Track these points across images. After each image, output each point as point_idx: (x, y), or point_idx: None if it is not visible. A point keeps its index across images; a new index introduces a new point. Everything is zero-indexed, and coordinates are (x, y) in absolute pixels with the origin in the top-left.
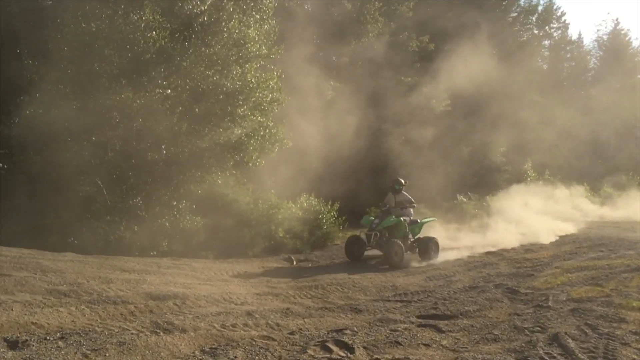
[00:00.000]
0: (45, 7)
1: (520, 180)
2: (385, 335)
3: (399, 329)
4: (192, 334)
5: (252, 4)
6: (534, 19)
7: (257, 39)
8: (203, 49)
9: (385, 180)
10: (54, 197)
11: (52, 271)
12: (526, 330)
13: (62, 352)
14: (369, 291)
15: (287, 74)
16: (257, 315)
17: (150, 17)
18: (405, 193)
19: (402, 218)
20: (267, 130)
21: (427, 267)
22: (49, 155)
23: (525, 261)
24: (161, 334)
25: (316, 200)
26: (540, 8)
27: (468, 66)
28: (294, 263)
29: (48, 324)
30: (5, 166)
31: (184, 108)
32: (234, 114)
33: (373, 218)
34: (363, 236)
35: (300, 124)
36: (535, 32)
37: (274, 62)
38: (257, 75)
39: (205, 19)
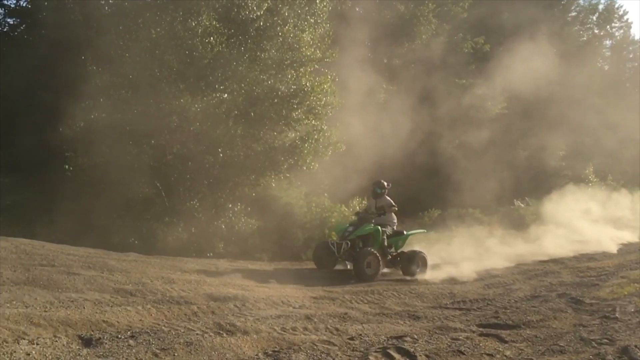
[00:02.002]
0: (108, 15)
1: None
2: (447, 344)
3: (461, 337)
4: (254, 336)
5: (307, 8)
6: (594, 18)
7: (311, 42)
8: (258, 53)
9: (438, 185)
10: (116, 198)
11: (117, 270)
12: (593, 342)
13: (134, 351)
14: (425, 298)
15: (340, 76)
16: (315, 320)
17: (207, 23)
18: (387, 197)
19: (380, 227)
20: (321, 134)
21: (486, 274)
22: (111, 158)
23: (589, 270)
24: (224, 335)
25: None
26: (600, 7)
27: (525, 67)
28: (348, 267)
29: (118, 322)
30: (71, 168)
31: (239, 112)
32: (288, 118)
33: (347, 225)
34: (333, 244)
35: (353, 127)
36: (596, 31)
37: (327, 66)
38: (312, 79)
39: (261, 23)
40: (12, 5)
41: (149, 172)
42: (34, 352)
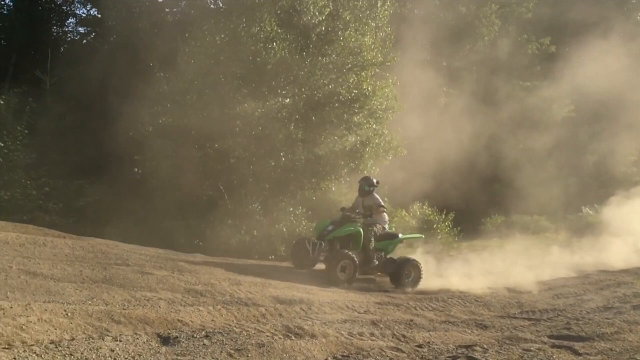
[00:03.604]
0: (174, 22)
1: None
2: (519, 355)
3: (532, 348)
4: (323, 340)
5: (368, 12)
6: None
7: (372, 46)
8: (319, 58)
9: (500, 191)
10: (181, 200)
11: (187, 271)
12: None
13: (209, 350)
14: (492, 307)
15: (400, 79)
16: (381, 325)
17: (269, 29)
18: (376, 195)
19: (361, 229)
20: (382, 138)
21: (554, 283)
22: (177, 161)
23: None
24: (293, 338)
25: (430, 209)
26: None
27: (594, 68)
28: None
29: (192, 321)
30: (140, 171)
31: (300, 116)
32: (349, 122)
33: (329, 223)
34: (310, 242)
35: (414, 131)
36: None
37: (388, 69)
38: (373, 82)
39: (323, 28)
40: (83, 15)
41: (213, 175)
42: (117, 348)
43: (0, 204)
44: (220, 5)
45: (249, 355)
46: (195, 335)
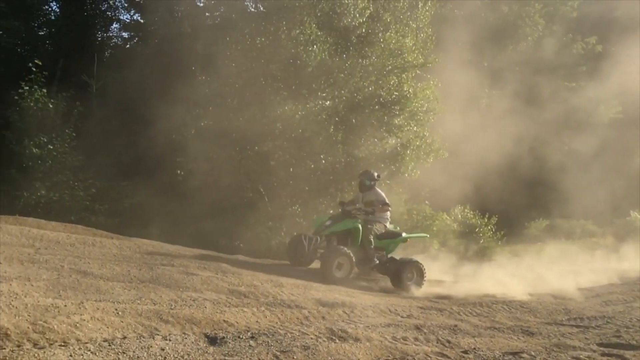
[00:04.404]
0: (214, 26)
1: None
2: None
3: (581, 356)
4: (367, 343)
5: (409, 14)
6: None
7: (413, 48)
8: (360, 60)
9: (544, 194)
10: (222, 202)
11: (230, 272)
12: None
13: (255, 351)
14: (538, 313)
15: (441, 81)
16: (425, 330)
17: (310, 32)
18: (378, 190)
19: (360, 225)
20: (423, 141)
21: (601, 289)
22: (218, 164)
23: None
24: (337, 341)
25: (472, 212)
26: None
27: None
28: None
29: (237, 322)
30: (182, 173)
31: (340, 119)
32: (389, 124)
33: (327, 218)
34: (306, 238)
35: (454, 133)
36: None
37: (429, 71)
38: (414, 84)
39: (363, 30)
40: (127, 20)
41: (253, 178)
42: (167, 347)
43: (49, 205)
44: (261, 8)
45: (295, 357)
46: (241, 336)
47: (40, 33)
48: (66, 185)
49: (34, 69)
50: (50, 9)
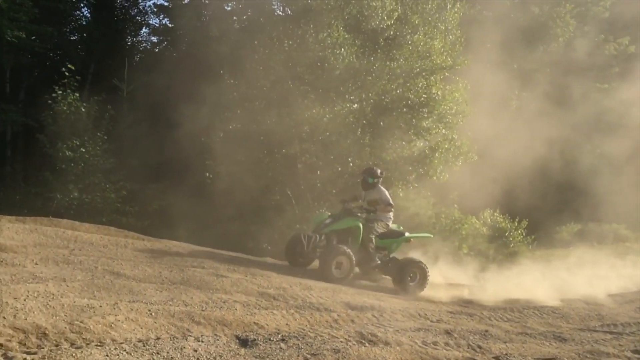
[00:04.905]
0: (241, 30)
1: None
2: None
3: None
4: (397, 348)
5: (437, 15)
6: None
7: (442, 50)
8: (387, 62)
9: (575, 197)
10: (250, 205)
11: (259, 275)
12: None
13: (286, 354)
14: (571, 319)
15: (470, 83)
16: (456, 335)
17: (337, 35)
18: (382, 189)
19: (361, 224)
20: (452, 143)
21: (635, 296)
22: (246, 166)
23: None
24: (367, 344)
25: (501, 216)
26: None
27: None
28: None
29: (267, 325)
30: (210, 175)
31: (368, 121)
32: (418, 127)
33: (326, 216)
34: (305, 237)
35: (484, 136)
36: None
37: (458, 73)
38: (442, 87)
39: (391, 33)
40: (156, 25)
41: (281, 180)
42: (200, 349)
43: (82, 207)
44: (288, 11)
45: None
46: (271, 339)
47: (72, 38)
48: (98, 187)
49: (67, 74)
50: (81, 14)
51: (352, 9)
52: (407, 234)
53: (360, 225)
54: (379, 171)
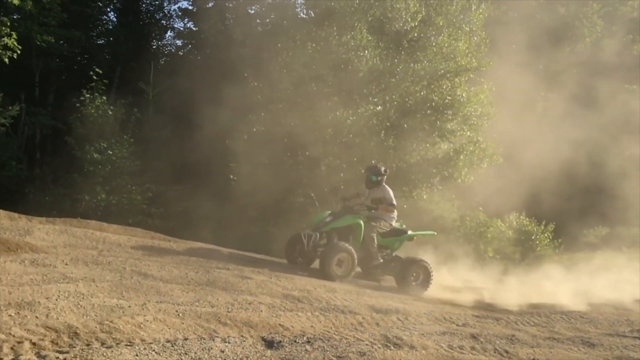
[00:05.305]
0: (265, 33)
1: None
2: None
3: None
4: (422, 351)
5: (462, 17)
6: None
7: (467, 51)
8: (411, 64)
9: (602, 201)
10: (273, 207)
11: (283, 277)
12: None
13: (311, 356)
14: (599, 324)
15: (496, 84)
16: (482, 339)
17: (360, 37)
18: (386, 187)
19: (362, 222)
20: (477, 146)
21: None
22: (270, 168)
23: None
24: (392, 348)
25: (528, 219)
26: None
27: None
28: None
29: (292, 326)
30: (235, 178)
31: (391, 124)
32: (442, 129)
33: (327, 214)
34: (305, 235)
35: (509, 138)
36: None
37: (482, 74)
38: (467, 88)
39: (415, 35)
40: (180, 28)
41: (304, 183)
42: (227, 350)
43: (109, 208)
44: (312, 14)
45: None
46: (297, 341)
47: (99, 42)
48: (124, 189)
49: (95, 77)
50: (108, 19)
51: (375, 10)
52: (409, 232)
53: (362, 222)
54: (382, 169)
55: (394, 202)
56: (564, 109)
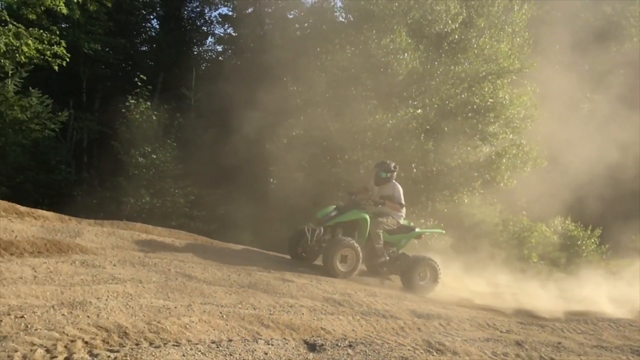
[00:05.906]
0: (303, 37)
1: None
2: None
3: None
4: (466, 358)
5: (504, 18)
6: None
7: (509, 53)
8: (452, 67)
9: None
10: (312, 210)
11: (324, 280)
12: None
13: None
14: None
15: (539, 86)
16: (527, 347)
17: (400, 40)
18: (397, 185)
19: (368, 217)
20: (520, 149)
21: None
22: (309, 172)
23: None
24: (435, 353)
25: (573, 224)
26: None
27: None
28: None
29: (334, 330)
30: (275, 181)
31: (432, 127)
32: (484, 132)
33: (332, 209)
34: (309, 229)
35: (553, 140)
36: None
37: (524, 76)
38: (510, 90)
39: (456, 37)
40: (221, 34)
41: (344, 186)
42: (270, 352)
43: (153, 211)
44: (351, 18)
45: None
46: (339, 344)
47: (142, 49)
48: (168, 192)
49: (139, 83)
50: (151, 26)
51: (415, 13)
52: (417, 229)
53: (368, 217)
54: (392, 165)
55: (403, 201)
56: (610, 111)
